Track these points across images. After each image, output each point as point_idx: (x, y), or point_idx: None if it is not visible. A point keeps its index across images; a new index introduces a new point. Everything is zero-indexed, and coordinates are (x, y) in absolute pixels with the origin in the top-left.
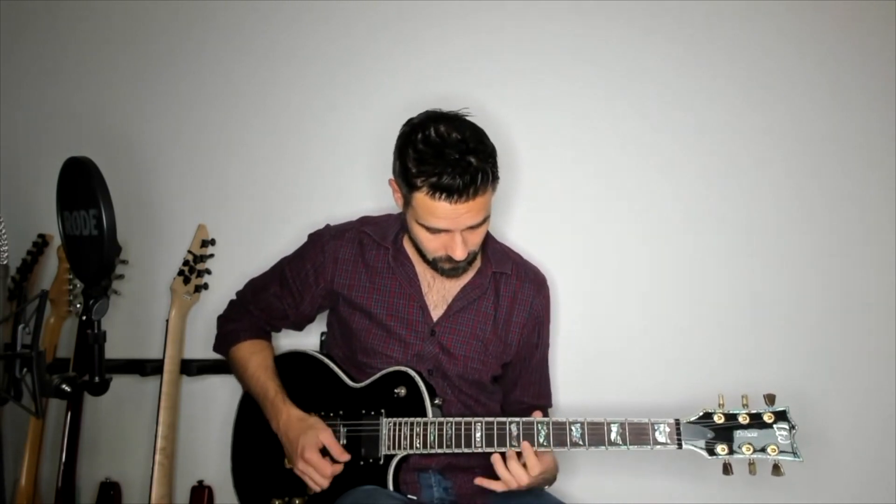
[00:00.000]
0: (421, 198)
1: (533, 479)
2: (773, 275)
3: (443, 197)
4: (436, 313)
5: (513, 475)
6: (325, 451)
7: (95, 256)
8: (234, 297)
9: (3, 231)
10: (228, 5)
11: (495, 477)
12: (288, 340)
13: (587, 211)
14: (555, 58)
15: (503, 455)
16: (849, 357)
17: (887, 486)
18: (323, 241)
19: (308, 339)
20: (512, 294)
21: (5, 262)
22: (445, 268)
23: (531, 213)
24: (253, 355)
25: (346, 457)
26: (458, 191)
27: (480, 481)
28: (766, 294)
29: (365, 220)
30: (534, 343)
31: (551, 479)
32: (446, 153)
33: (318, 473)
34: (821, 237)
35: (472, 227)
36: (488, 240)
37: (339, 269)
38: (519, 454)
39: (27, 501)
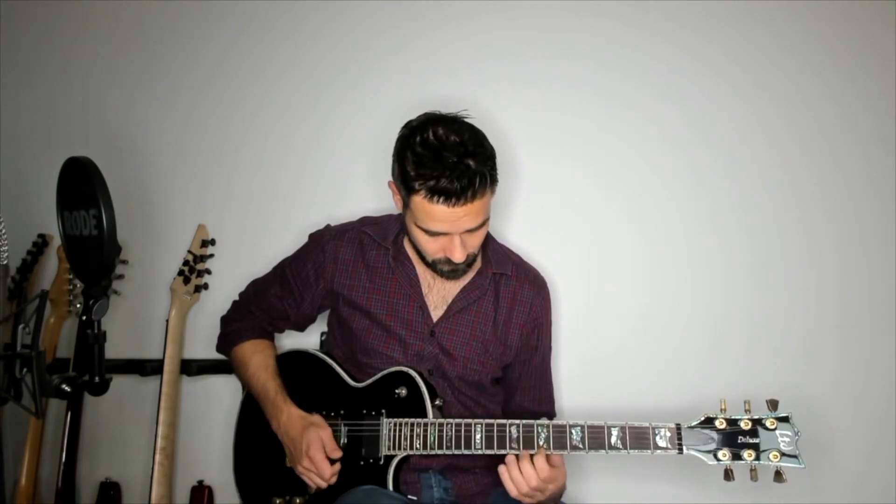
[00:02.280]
0: (419, 201)
1: (542, 483)
2: (774, 278)
3: (441, 200)
4: (436, 314)
5: (524, 476)
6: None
7: (95, 256)
8: (237, 298)
9: (3, 231)
10: (229, 6)
11: (495, 477)
12: (290, 340)
13: (587, 213)
14: (555, 60)
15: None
16: (851, 362)
17: (889, 492)
18: (323, 241)
19: (310, 339)
20: (512, 295)
21: (5, 262)
22: (445, 270)
23: (531, 215)
24: (254, 355)
25: (337, 453)
26: (455, 194)
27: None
28: (768, 298)
29: (365, 221)
30: (533, 345)
31: (559, 496)
32: (444, 156)
33: (322, 471)
34: (821, 241)
35: (470, 231)
36: (488, 240)
37: (339, 269)
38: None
39: (27, 501)
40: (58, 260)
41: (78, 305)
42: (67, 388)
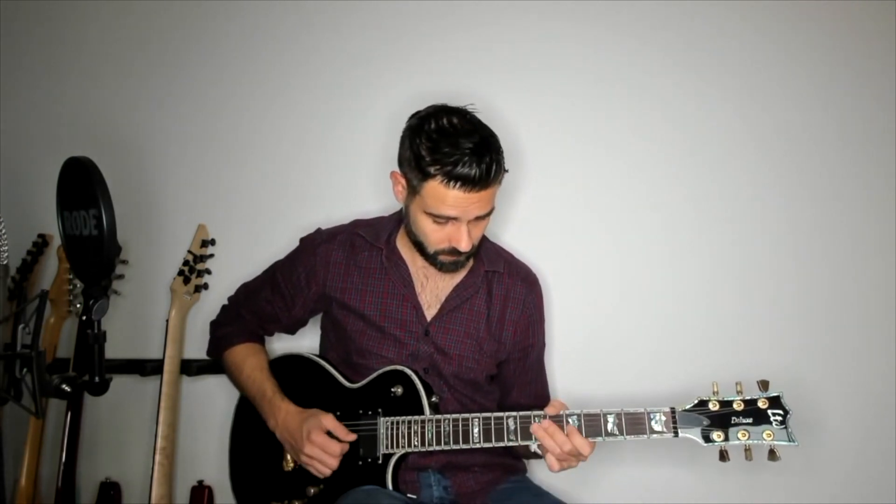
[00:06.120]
0: (434, 185)
1: (575, 449)
2: (762, 261)
3: (458, 185)
4: (429, 313)
5: (558, 444)
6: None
7: (95, 256)
8: (227, 303)
9: (3, 231)
10: (230, 6)
11: (494, 475)
12: (281, 344)
13: (580, 206)
14: (553, 65)
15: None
16: (841, 340)
17: (882, 467)
18: (314, 245)
19: (302, 342)
20: (504, 292)
21: (5, 262)
22: (446, 261)
23: (525, 209)
24: (248, 357)
25: (351, 437)
26: (472, 180)
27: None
28: (755, 283)
29: (357, 223)
30: (529, 342)
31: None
32: (461, 142)
33: (326, 454)
34: (808, 226)
35: (478, 218)
36: (481, 239)
37: (331, 272)
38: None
39: (27, 501)
40: (58, 260)
41: (78, 305)
42: (67, 388)
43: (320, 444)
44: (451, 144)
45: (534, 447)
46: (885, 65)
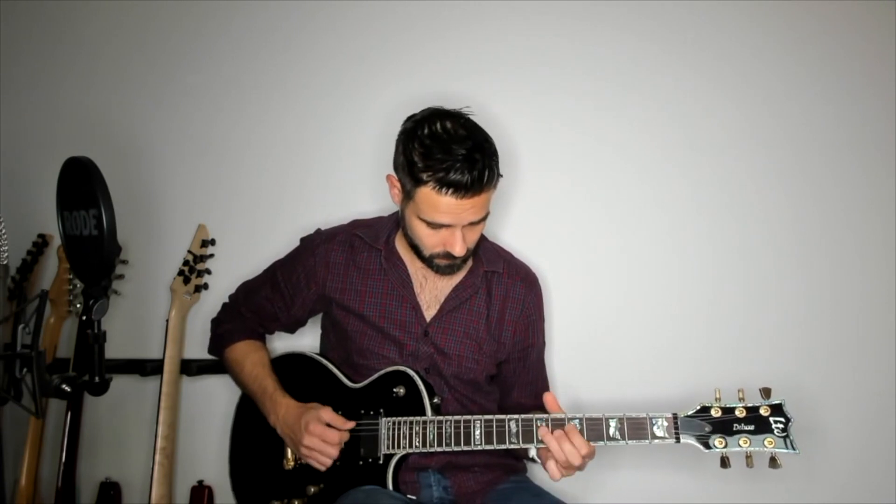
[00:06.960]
0: (426, 192)
1: (583, 461)
2: (766, 268)
3: (450, 192)
4: (429, 313)
5: (566, 454)
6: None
7: (95, 256)
8: (227, 300)
9: (3, 231)
10: (228, 7)
11: (494, 475)
12: (282, 343)
13: (582, 209)
14: (552, 63)
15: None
16: (843, 348)
17: (883, 475)
18: (314, 245)
19: (303, 341)
20: (504, 293)
21: (5, 262)
22: (441, 265)
23: (526, 211)
24: (249, 354)
25: (349, 425)
26: (465, 187)
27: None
28: (759, 289)
29: (356, 223)
30: (529, 342)
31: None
32: (454, 149)
33: (325, 443)
34: (811, 232)
35: (472, 224)
36: (480, 239)
37: (330, 273)
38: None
39: (27, 501)
40: (58, 260)
41: (78, 305)
42: (67, 388)
43: (318, 433)
44: (444, 151)
45: (532, 453)
46: (885, 64)
